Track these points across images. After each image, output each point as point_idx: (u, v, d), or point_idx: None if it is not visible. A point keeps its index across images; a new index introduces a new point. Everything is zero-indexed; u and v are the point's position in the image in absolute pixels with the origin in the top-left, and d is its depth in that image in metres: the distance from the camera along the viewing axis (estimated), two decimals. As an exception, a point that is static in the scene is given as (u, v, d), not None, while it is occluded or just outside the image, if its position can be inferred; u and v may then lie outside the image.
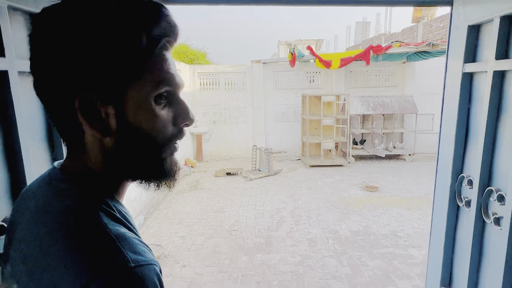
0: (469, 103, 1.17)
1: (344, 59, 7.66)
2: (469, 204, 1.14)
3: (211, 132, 9.15)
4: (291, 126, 9.12)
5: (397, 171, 7.40)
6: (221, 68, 9.10)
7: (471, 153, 1.17)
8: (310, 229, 4.57)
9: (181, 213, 5.25)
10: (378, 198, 5.74)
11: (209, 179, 7.22)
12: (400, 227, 4.55)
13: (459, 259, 1.22)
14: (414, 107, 8.08)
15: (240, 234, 4.47)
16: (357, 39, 20.09)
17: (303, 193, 6.10)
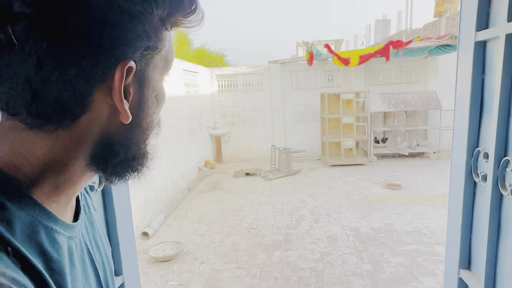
0: (483, 74, 1.12)
1: (363, 56, 7.53)
2: (485, 178, 1.08)
3: (230, 133, 9.21)
4: (310, 125, 9.03)
5: (421, 169, 7.17)
6: (238, 69, 9.17)
7: (486, 126, 1.11)
8: (330, 226, 4.49)
9: (201, 212, 5.30)
10: (401, 196, 5.57)
11: (228, 179, 7.25)
12: (424, 224, 4.39)
13: (477, 238, 1.16)
14: (438, 103, 7.83)
15: (259, 232, 4.45)
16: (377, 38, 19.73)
17: (323, 192, 6.02)
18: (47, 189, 0.41)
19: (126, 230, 1.32)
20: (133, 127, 0.44)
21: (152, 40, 0.42)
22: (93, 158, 0.43)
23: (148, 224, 4.68)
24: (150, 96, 0.46)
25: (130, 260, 1.33)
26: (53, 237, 0.41)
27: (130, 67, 0.40)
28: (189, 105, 7.33)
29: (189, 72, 7.59)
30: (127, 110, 0.41)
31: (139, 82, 0.43)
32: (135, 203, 4.56)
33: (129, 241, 1.34)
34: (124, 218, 1.31)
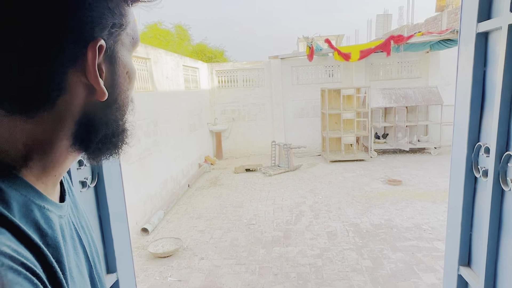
0: (485, 66, 1.09)
1: (363, 51, 7.47)
2: (486, 174, 1.05)
3: (230, 129, 9.18)
4: (311, 121, 9.00)
5: (422, 165, 7.14)
6: (238, 65, 9.12)
7: (487, 120, 1.08)
8: (330, 222, 4.47)
9: (200, 208, 5.29)
10: (402, 191, 5.55)
11: (228, 175, 7.23)
12: (424, 220, 4.37)
13: (478, 235, 1.14)
14: (439, 98, 7.78)
15: (259, 228, 4.44)
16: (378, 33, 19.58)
17: (323, 187, 6.00)
18: (36, 171, 0.43)
19: (121, 226, 1.30)
20: (110, 104, 0.46)
21: (116, 17, 0.44)
22: (76, 138, 0.45)
23: (148, 220, 4.67)
24: (122, 72, 0.47)
25: (124, 257, 1.31)
26: (46, 215, 0.43)
27: (101, 46, 0.41)
28: (189, 101, 7.29)
29: (189, 67, 7.55)
30: (103, 88, 0.43)
31: (110, 59, 0.45)
32: (135, 199, 4.56)
33: (124, 238, 1.32)
34: (118, 214, 1.29)
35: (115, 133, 0.49)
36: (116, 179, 1.27)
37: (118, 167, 1.28)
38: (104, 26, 0.42)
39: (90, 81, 0.42)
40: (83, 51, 0.40)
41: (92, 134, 0.46)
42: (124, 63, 0.48)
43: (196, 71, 8.15)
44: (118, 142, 0.50)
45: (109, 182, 1.21)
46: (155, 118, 5.36)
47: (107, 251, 1.23)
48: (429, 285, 3.00)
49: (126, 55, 0.48)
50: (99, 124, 0.46)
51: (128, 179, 4.38)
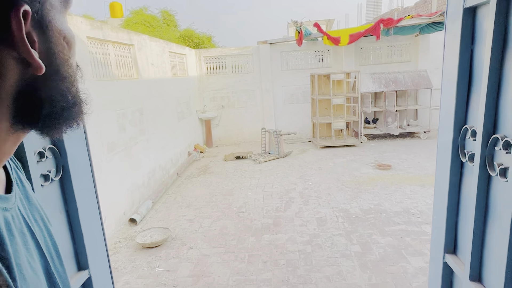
0: (472, 44, 1.03)
1: (353, 35, 7.37)
2: (472, 158, 1.00)
3: (220, 117, 9.07)
4: (301, 107, 8.93)
5: (412, 149, 7.17)
6: (227, 51, 8.94)
7: (474, 101, 1.02)
8: (320, 208, 4.46)
9: (190, 197, 5.23)
10: (391, 176, 5.56)
11: (218, 163, 7.17)
12: (413, 204, 4.39)
13: (464, 221, 1.10)
14: (429, 82, 7.75)
15: (248, 215, 4.41)
16: (368, 17, 19.40)
17: (313, 173, 5.98)
18: None
19: (92, 220, 1.23)
20: (51, 77, 0.42)
21: None
22: (16, 118, 0.41)
23: (136, 210, 4.60)
24: (58, 39, 0.42)
25: (98, 252, 1.25)
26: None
27: (25, 11, 0.36)
28: (176, 88, 7.14)
29: (175, 54, 7.37)
30: (38, 60, 0.38)
31: (41, 26, 0.39)
32: (122, 189, 4.47)
33: (96, 233, 1.25)
34: (89, 208, 1.22)
35: (65, 107, 0.44)
36: (84, 171, 1.19)
37: (86, 158, 1.20)
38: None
39: (21, 54, 0.37)
40: (6, 21, 0.35)
41: (36, 111, 0.42)
42: (59, 28, 0.42)
43: (183, 58, 7.97)
44: (70, 115, 0.46)
45: (76, 174, 1.14)
46: (141, 106, 5.23)
47: (77, 247, 1.16)
48: (417, 269, 3.01)
49: (59, 19, 0.42)
50: (43, 100, 0.42)
51: (114, 169, 4.28)
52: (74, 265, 1.15)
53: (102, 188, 3.98)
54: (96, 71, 4.12)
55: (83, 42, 3.81)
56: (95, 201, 1.25)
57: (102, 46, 4.33)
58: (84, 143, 1.19)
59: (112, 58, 4.56)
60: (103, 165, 4.02)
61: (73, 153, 1.13)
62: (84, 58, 3.81)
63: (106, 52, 4.41)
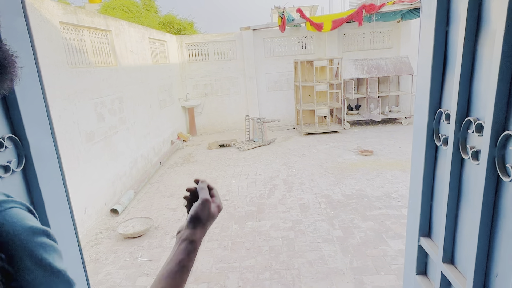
0: (447, 26, 1.01)
1: (335, 21, 7.34)
2: (446, 142, 1.00)
3: (203, 105, 8.96)
4: (285, 94, 8.90)
5: (393, 135, 7.27)
6: (209, 37, 8.77)
7: (449, 84, 1.02)
8: (303, 195, 4.49)
9: (173, 186, 5.18)
10: (373, 162, 5.64)
11: (202, 152, 7.11)
12: (394, 189, 4.47)
13: (438, 205, 1.10)
14: (410, 68, 7.83)
15: (232, 203, 4.40)
16: (352, 3, 19.34)
17: (296, 160, 6.00)
18: None
19: (61, 213, 1.18)
20: None
21: None
22: None
23: (118, 200, 4.53)
24: None
25: (68, 248, 1.20)
26: None
27: None
28: (157, 76, 6.98)
29: (156, 40, 7.18)
30: None
31: None
32: (102, 179, 4.38)
33: (66, 226, 1.21)
34: (57, 200, 1.16)
35: None
36: (50, 161, 1.13)
37: (52, 146, 1.14)
38: None
39: None
40: None
41: None
42: None
43: (164, 44, 7.77)
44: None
45: (40, 165, 1.08)
46: (120, 94, 5.09)
47: (44, 241, 1.11)
48: (396, 251, 3.08)
49: None
50: None
51: (93, 159, 4.18)
52: (42, 259, 1.10)
53: (81, 179, 3.88)
54: (71, 58, 3.96)
55: (56, 27, 3.65)
56: (63, 192, 1.19)
57: (76, 32, 4.15)
58: (48, 131, 1.13)
59: (88, 44, 4.39)
60: (81, 155, 3.91)
61: (36, 142, 1.07)
62: (58, 44, 3.65)
63: (81, 38, 4.24)
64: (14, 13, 1.00)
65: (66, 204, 1.21)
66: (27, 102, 1.03)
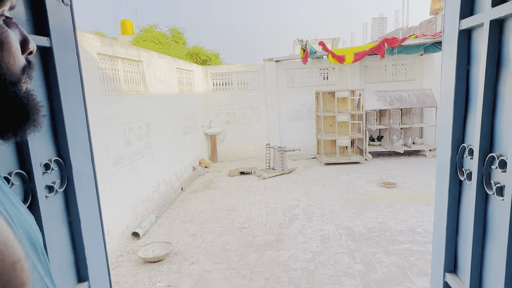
0: (468, 65, 1.05)
1: (357, 53, 7.46)
2: (470, 176, 1.01)
3: (225, 132, 9.13)
4: (306, 124, 8.97)
5: (417, 167, 7.12)
6: (233, 68, 9.08)
7: (471, 120, 1.04)
8: (323, 226, 4.42)
9: (193, 212, 5.22)
10: (396, 194, 5.51)
11: (222, 178, 7.18)
12: (418, 223, 4.33)
13: (463, 240, 1.09)
14: (434, 101, 7.77)
15: (251, 231, 4.38)
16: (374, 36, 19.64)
17: (317, 190, 5.95)
18: None
19: (94, 232, 1.25)
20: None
21: None
22: None
23: (139, 224, 4.60)
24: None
25: (98, 265, 1.26)
26: None
27: None
28: (183, 104, 7.24)
29: (183, 70, 7.51)
30: None
31: None
32: (126, 203, 4.49)
33: (98, 245, 1.27)
34: (92, 220, 1.24)
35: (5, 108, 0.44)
36: (88, 183, 1.22)
37: (91, 170, 1.23)
38: None
39: None
40: None
41: None
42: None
43: (191, 74, 8.10)
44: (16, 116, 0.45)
45: (80, 186, 1.16)
46: (147, 121, 5.31)
47: (78, 259, 1.17)
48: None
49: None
50: None
51: (119, 183, 4.32)
52: (74, 277, 1.16)
53: (107, 201, 4.00)
54: (104, 86, 4.21)
55: (93, 58, 3.92)
56: (97, 213, 1.27)
57: (111, 62, 4.44)
58: (89, 155, 1.22)
59: (121, 73, 4.66)
60: (108, 178, 4.06)
61: (78, 165, 1.16)
62: (94, 74, 3.91)
63: (115, 68, 4.52)
64: (68, 50, 1.13)
65: (99, 225, 1.28)
66: (73, 128, 1.13)
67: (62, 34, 1.10)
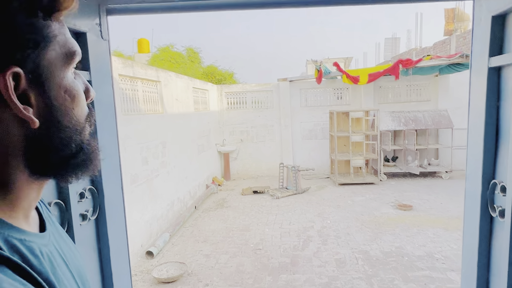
0: (498, 101, 1.06)
1: (372, 74, 7.49)
2: (503, 214, 1.00)
3: (239, 150, 9.18)
4: (319, 143, 8.95)
5: (433, 189, 6.98)
6: (247, 87, 9.21)
7: (503, 156, 1.03)
8: (339, 249, 4.35)
9: (207, 231, 5.21)
10: (413, 217, 5.40)
11: (235, 197, 7.16)
12: (437, 249, 4.22)
13: (496, 278, 1.07)
14: (450, 122, 7.68)
15: (265, 253, 4.34)
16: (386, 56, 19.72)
17: (331, 211, 5.88)
18: (3, 208, 0.43)
19: (121, 260, 1.26)
20: (52, 128, 0.44)
21: (27, 37, 0.39)
22: (31, 168, 0.44)
23: (153, 243, 4.61)
24: (58, 94, 0.44)
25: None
26: (29, 247, 0.42)
27: (16, 73, 0.39)
28: (198, 122, 7.35)
29: (199, 89, 7.65)
30: (30, 116, 0.41)
31: (37, 83, 0.42)
32: (141, 221, 4.52)
33: (124, 272, 1.28)
34: (120, 248, 1.26)
35: (71, 155, 0.47)
36: (118, 211, 1.24)
37: (121, 198, 1.26)
38: (12, 52, 0.38)
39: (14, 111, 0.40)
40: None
41: (45, 160, 0.45)
42: (59, 84, 0.44)
43: (206, 93, 8.25)
44: (79, 163, 0.48)
45: (110, 215, 1.19)
46: (164, 139, 5.39)
47: (105, 285, 1.19)
48: (443, 320, 2.85)
49: (60, 74, 0.44)
50: (49, 150, 0.45)
51: (135, 201, 4.36)
52: (102, 304, 1.18)
53: (122, 220, 4.03)
54: (124, 106, 4.32)
55: (115, 79, 4.04)
56: (125, 241, 1.29)
57: (131, 82, 4.56)
58: (120, 184, 1.25)
59: (140, 93, 4.79)
60: (125, 196, 4.10)
61: (110, 193, 1.19)
62: (115, 94, 4.02)
63: (134, 88, 4.64)
64: (105, 82, 1.18)
65: (126, 252, 1.30)
66: (106, 158, 1.17)
67: (100, 68, 1.16)
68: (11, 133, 0.41)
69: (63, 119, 0.45)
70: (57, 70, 0.44)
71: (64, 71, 0.45)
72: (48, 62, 0.42)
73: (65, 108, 0.45)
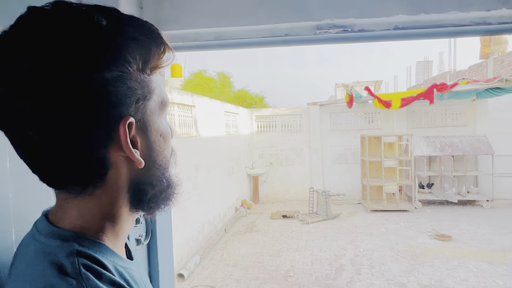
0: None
1: (405, 99, 7.37)
2: None
3: (268, 173, 9.18)
4: (350, 168, 8.79)
5: (474, 219, 6.60)
6: (277, 111, 9.32)
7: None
8: (373, 279, 4.18)
9: (236, 255, 5.19)
10: (452, 248, 5.12)
11: (265, 221, 7.12)
12: (481, 284, 3.96)
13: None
14: (489, 148, 7.34)
15: (296, 280, 4.25)
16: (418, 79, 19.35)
17: (364, 239, 5.69)
18: (111, 237, 0.49)
19: (168, 285, 1.31)
20: (150, 167, 0.51)
21: (139, 92, 0.46)
22: (132, 203, 0.51)
23: (184, 265, 4.65)
24: (156, 137, 0.51)
25: (169, 316, 1.30)
26: (131, 274, 0.49)
27: (130, 123, 0.45)
28: (229, 145, 7.48)
29: (230, 113, 7.84)
30: (138, 157, 0.47)
31: (142, 130, 0.49)
32: (174, 243, 4.57)
33: (170, 296, 1.32)
34: (167, 272, 1.30)
35: (162, 190, 0.53)
36: (167, 236, 1.30)
37: (169, 223, 1.32)
38: (129, 105, 0.45)
39: (127, 154, 0.46)
40: (116, 131, 0.45)
41: (143, 196, 0.51)
42: (156, 128, 0.51)
43: (237, 117, 8.42)
44: (166, 196, 0.54)
45: (161, 239, 1.24)
46: (197, 162, 5.52)
47: (154, 310, 1.23)
48: None
49: (157, 120, 0.51)
50: (146, 186, 0.51)
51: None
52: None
53: (156, 241, 4.11)
54: (161, 130, 4.50)
55: (154, 104, 4.24)
56: (172, 265, 1.33)
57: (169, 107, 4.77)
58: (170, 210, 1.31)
59: (176, 118, 4.98)
60: (159, 218, 4.20)
61: (161, 218, 1.25)
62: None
63: (171, 113, 4.84)
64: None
65: (173, 275, 1.34)
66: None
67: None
68: (122, 173, 0.48)
69: (158, 158, 0.52)
70: (155, 117, 0.51)
71: (160, 117, 0.53)
72: (150, 111, 0.50)
73: (159, 149, 0.52)
